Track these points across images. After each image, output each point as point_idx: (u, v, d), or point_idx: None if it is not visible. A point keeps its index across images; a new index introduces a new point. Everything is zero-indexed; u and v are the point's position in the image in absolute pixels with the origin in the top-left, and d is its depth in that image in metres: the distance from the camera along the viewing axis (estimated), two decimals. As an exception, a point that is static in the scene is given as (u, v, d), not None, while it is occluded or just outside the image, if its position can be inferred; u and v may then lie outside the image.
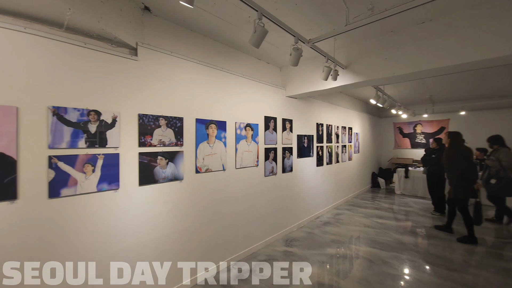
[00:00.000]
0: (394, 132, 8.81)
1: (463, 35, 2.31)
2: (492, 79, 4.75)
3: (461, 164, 3.58)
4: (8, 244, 1.60)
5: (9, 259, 1.60)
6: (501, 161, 3.83)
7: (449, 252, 3.30)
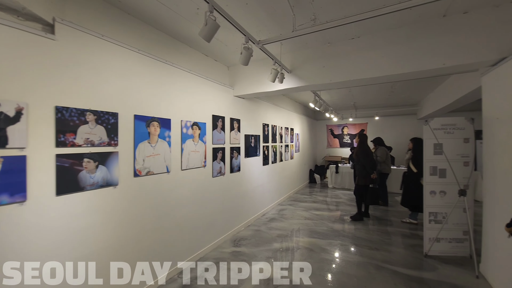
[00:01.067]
0: (327, 133, 9.96)
1: (382, 52, 2.77)
2: (399, 91, 5.91)
3: (364, 159, 4.49)
4: None
5: None
6: (377, 156, 5.32)
7: (370, 234, 3.92)
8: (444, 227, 3.13)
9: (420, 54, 2.58)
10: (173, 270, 2.71)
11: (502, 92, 2.35)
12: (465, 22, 2.38)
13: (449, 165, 3.09)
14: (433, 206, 3.21)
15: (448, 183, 3.14)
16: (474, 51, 2.35)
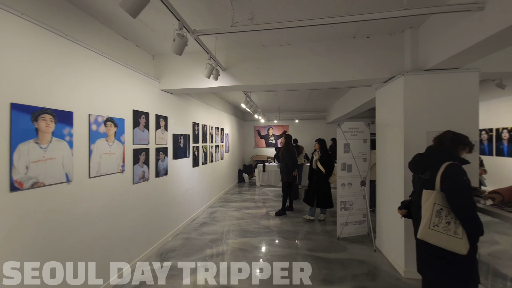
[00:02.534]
0: (254, 134, 10.41)
1: (308, 61, 3.07)
2: (315, 98, 6.79)
3: (288, 158, 4.93)
4: None
5: None
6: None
7: (295, 226, 4.30)
8: (351, 213, 3.78)
9: (337, 66, 3.01)
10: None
11: (390, 103, 3.03)
12: (368, 44, 2.94)
13: (354, 161, 3.76)
14: (343, 196, 3.82)
15: (353, 176, 3.81)
16: (374, 69, 2.93)
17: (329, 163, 4.40)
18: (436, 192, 1.63)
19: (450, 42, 2.24)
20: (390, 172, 3.04)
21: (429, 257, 1.70)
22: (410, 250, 2.63)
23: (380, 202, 3.38)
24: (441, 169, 1.64)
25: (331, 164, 4.41)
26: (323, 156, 4.43)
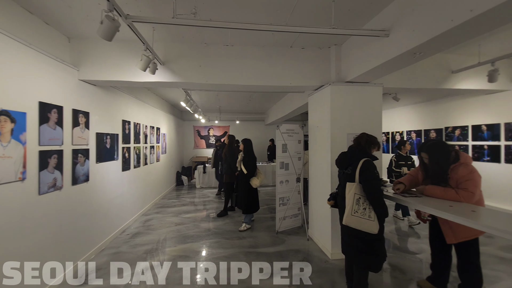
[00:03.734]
0: (194, 134, 10.00)
1: (251, 64, 3.18)
2: (255, 100, 7.06)
3: (231, 158, 4.97)
4: None
5: None
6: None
7: (237, 225, 4.36)
8: (288, 207, 4.11)
9: (276, 72, 3.23)
10: None
11: (320, 108, 3.45)
12: (303, 55, 3.27)
13: (291, 160, 4.10)
14: (282, 193, 4.11)
15: (290, 173, 4.15)
16: (308, 77, 3.28)
17: (251, 165, 4.20)
18: (356, 183, 1.96)
19: (363, 61, 2.73)
20: (320, 169, 3.45)
21: (351, 238, 2.03)
22: (335, 235, 3.05)
23: (312, 196, 3.80)
24: (359, 164, 1.97)
25: (253, 165, 4.21)
26: (245, 157, 4.23)
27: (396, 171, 4.19)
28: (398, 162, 4.20)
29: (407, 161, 4.19)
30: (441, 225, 2.17)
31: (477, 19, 1.47)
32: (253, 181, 4.15)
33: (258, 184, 4.12)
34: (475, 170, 2.04)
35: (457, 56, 3.69)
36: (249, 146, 4.32)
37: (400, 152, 4.28)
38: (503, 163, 4.06)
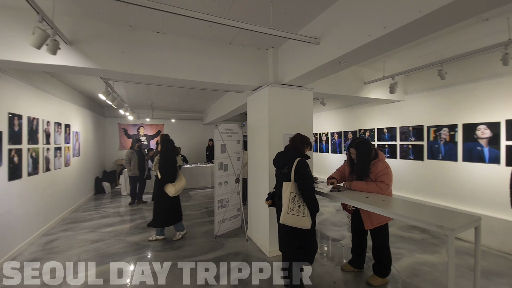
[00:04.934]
0: (120, 133, 8.69)
1: (186, 57, 2.91)
2: (192, 97, 6.65)
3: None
4: None
5: None
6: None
7: (171, 234, 3.95)
8: (227, 209, 4.00)
9: (215, 68, 3.07)
10: None
11: (258, 109, 3.48)
12: (242, 54, 3.22)
13: (230, 161, 4.00)
14: (220, 195, 3.96)
15: (229, 174, 4.05)
16: (247, 77, 3.25)
17: (167, 168, 3.48)
18: (291, 182, 2.01)
19: (297, 65, 2.88)
20: (258, 169, 3.48)
21: (288, 236, 2.08)
22: (273, 234, 3.12)
23: (251, 196, 3.81)
24: (294, 164, 2.04)
25: (169, 169, 3.50)
26: (161, 158, 3.52)
27: None
28: None
29: None
30: (361, 214, 2.49)
31: (390, 36, 1.73)
32: (168, 188, 3.44)
33: (173, 192, 3.44)
34: (389, 166, 2.43)
35: (368, 70, 4.39)
36: (168, 144, 3.61)
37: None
38: (398, 159, 5.09)
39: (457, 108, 3.98)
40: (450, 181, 4.05)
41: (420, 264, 2.96)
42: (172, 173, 3.54)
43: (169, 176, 3.51)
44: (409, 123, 4.83)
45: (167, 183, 3.49)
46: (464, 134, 3.89)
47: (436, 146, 4.31)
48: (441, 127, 4.22)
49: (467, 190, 3.79)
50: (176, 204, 3.67)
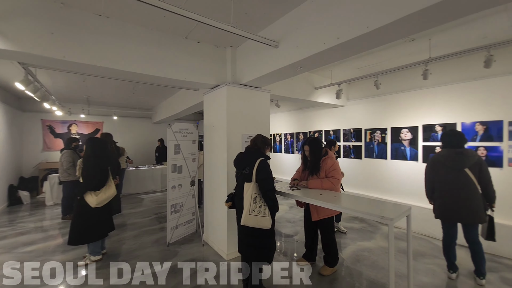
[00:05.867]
0: (43, 132, 7.25)
1: (135, 47, 2.60)
2: (140, 93, 6.04)
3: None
4: None
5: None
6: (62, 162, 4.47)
7: (120, 244, 3.49)
8: (181, 214, 3.75)
9: (170, 63, 2.83)
10: None
11: (216, 108, 3.38)
12: (200, 50, 3.07)
13: (184, 162, 3.77)
14: (174, 199, 3.69)
15: (183, 177, 3.81)
16: (204, 75, 3.11)
17: (90, 172, 2.83)
18: (253, 183, 2.01)
19: (256, 67, 2.91)
20: (216, 170, 3.38)
21: (248, 237, 2.06)
22: (231, 236, 3.07)
23: (207, 198, 3.66)
24: (256, 164, 2.04)
25: (91, 174, 2.83)
26: (84, 161, 2.89)
27: None
28: None
29: None
30: (310, 207, 2.70)
31: (342, 46, 1.89)
32: (88, 197, 2.79)
33: (94, 202, 2.79)
34: (337, 162, 2.68)
35: (318, 76, 4.76)
36: (93, 146, 2.94)
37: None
38: (342, 158, 5.68)
39: (387, 114, 4.67)
40: (382, 176, 4.72)
41: (361, 250, 3.35)
42: (93, 180, 2.84)
43: (89, 183, 2.83)
44: (350, 126, 5.44)
45: (88, 191, 2.82)
46: (392, 136, 4.59)
47: (371, 146, 4.97)
48: (375, 130, 4.89)
49: (395, 183, 4.48)
50: (99, 218, 2.92)
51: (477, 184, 2.41)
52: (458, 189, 2.46)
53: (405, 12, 1.48)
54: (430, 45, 3.04)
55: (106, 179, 2.99)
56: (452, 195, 2.50)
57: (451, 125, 3.75)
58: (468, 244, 2.51)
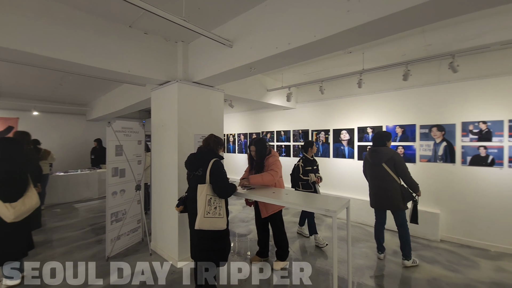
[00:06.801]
0: None
1: (65, 30, 2.21)
2: (69, 85, 5.17)
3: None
4: None
5: None
6: None
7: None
8: (124, 223, 3.37)
9: (110, 52, 2.51)
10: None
11: (165, 106, 3.15)
12: (147, 41, 2.81)
13: (128, 165, 3.40)
14: (115, 206, 3.29)
15: (127, 181, 3.43)
16: (152, 69, 2.86)
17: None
18: (207, 185, 1.95)
19: (210, 65, 2.84)
20: (165, 172, 3.15)
21: (203, 241, 1.99)
22: (182, 241, 2.92)
23: (156, 203, 3.39)
24: (209, 165, 1.99)
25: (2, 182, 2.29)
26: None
27: (304, 179, 3.44)
28: (306, 167, 3.48)
29: (313, 166, 3.57)
30: (259, 205, 2.81)
31: (293, 51, 2.01)
32: (2, 210, 2.22)
33: (11, 217, 2.22)
34: (279, 160, 2.82)
35: (270, 79, 4.95)
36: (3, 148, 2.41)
37: (306, 155, 3.59)
38: (292, 157, 6.04)
39: (330, 117, 5.18)
40: (326, 173, 5.20)
41: (308, 242, 3.62)
42: (4, 189, 2.29)
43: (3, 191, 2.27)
44: (299, 127, 5.83)
45: (1, 202, 2.23)
46: (333, 137, 5.12)
47: (317, 146, 5.43)
48: (320, 131, 5.37)
49: (336, 179, 5.00)
50: (15, 235, 2.38)
51: (394, 176, 2.85)
52: (378, 181, 2.94)
53: (346, 26, 1.67)
54: (364, 58, 3.50)
55: (23, 187, 2.43)
56: (375, 186, 2.99)
57: (379, 128, 4.41)
58: (397, 228, 2.95)
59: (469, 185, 3.47)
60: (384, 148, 2.93)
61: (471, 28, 2.65)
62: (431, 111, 3.84)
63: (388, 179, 2.87)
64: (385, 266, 2.94)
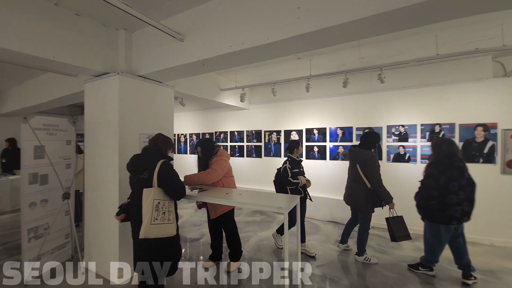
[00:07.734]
0: None
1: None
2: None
3: None
4: None
5: None
6: None
7: None
8: (47, 239, 2.81)
9: (29, 32, 2.05)
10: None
11: (103, 101, 2.77)
12: (78, 24, 2.40)
13: (53, 169, 2.85)
14: (34, 220, 2.72)
15: (51, 189, 2.88)
16: (85, 57, 2.46)
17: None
18: (154, 188, 1.78)
19: (158, 59, 2.61)
20: (102, 176, 2.76)
21: (149, 251, 1.80)
22: (125, 254, 2.61)
23: (90, 213, 2.94)
24: (157, 167, 1.82)
25: None
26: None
27: (294, 183, 3.10)
28: (293, 169, 3.16)
29: (300, 168, 3.29)
30: (208, 207, 2.76)
31: (246, 51, 2.01)
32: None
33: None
34: (224, 159, 2.72)
35: (224, 78, 4.88)
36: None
37: (292, 156, 3.26)
38: (245, 157, 6.09)
39: (281, 118, 5.43)
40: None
41: (261, 240, 3.70)
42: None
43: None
44: (252, 128, 5.92)
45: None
46: (285, 137, 5.37)
47: (269, 146, 5.62)
48: (272, 132, 5.57)
49: (287, 178, 5.26)
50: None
51: (365, 179, 2.84)
52: (350, 180, 3.09)
53: (295, 32, 1.76)
54: (311, 65, 3.79)
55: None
56: (347, 184, 3.17)
57: (323, 130, 4.83)
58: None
59: (392, 179, 4.08)
60: (362, 150, 2.94)
61: (395, 45, 3.15)
62: (365, 115, 4.41)
63: (358, 180, 2.93)
64: (330, 255, 3.23)
